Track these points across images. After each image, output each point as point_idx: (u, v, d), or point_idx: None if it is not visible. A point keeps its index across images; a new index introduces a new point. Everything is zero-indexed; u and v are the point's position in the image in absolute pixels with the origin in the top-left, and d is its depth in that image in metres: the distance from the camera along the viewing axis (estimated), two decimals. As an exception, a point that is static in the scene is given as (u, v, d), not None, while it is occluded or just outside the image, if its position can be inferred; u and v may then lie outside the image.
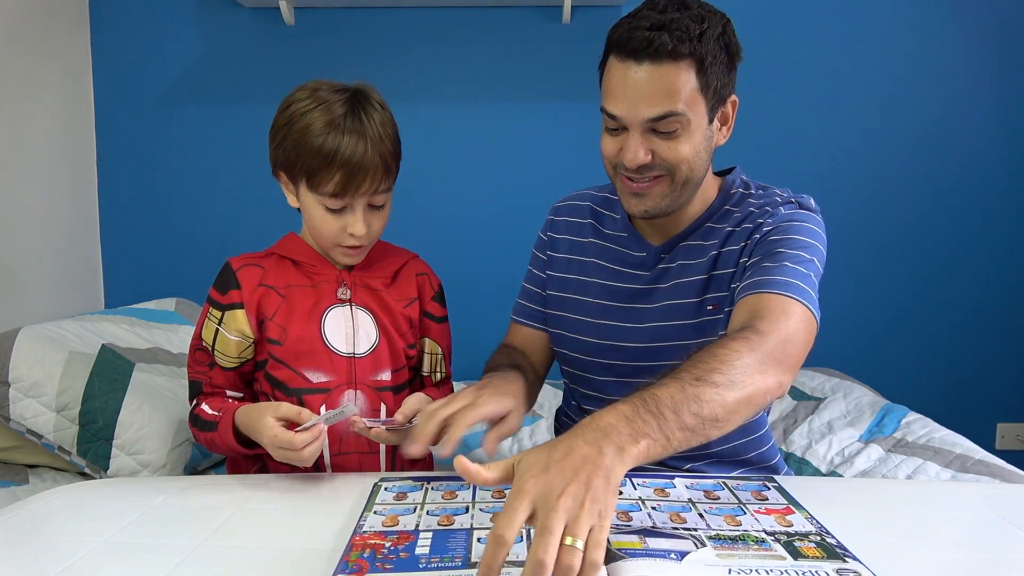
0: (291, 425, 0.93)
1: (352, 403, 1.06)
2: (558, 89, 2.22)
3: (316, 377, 1.05)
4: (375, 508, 0.82)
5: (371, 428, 0.95)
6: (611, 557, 0.67)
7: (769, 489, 0.86)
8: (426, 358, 1.17)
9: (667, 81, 0.91)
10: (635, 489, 0.86)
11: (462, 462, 0.63)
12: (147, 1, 2.19)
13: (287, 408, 0.95)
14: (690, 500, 0.82)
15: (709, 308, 1.02)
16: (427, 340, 1.17)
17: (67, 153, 2.14)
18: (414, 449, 0.86)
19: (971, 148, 2.24)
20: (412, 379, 1.17)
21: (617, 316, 1.08)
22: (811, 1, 2.19)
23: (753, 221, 1.02)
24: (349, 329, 1.07)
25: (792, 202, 1.03)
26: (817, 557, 0.68)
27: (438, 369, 1.18)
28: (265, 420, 0.93)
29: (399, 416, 0.96)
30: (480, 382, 0.96)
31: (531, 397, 1.09)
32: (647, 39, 0.90)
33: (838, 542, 0.71)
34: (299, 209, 1.08)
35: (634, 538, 0.71)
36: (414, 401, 1.00)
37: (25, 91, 1.95)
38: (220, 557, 0.73)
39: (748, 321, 0.84)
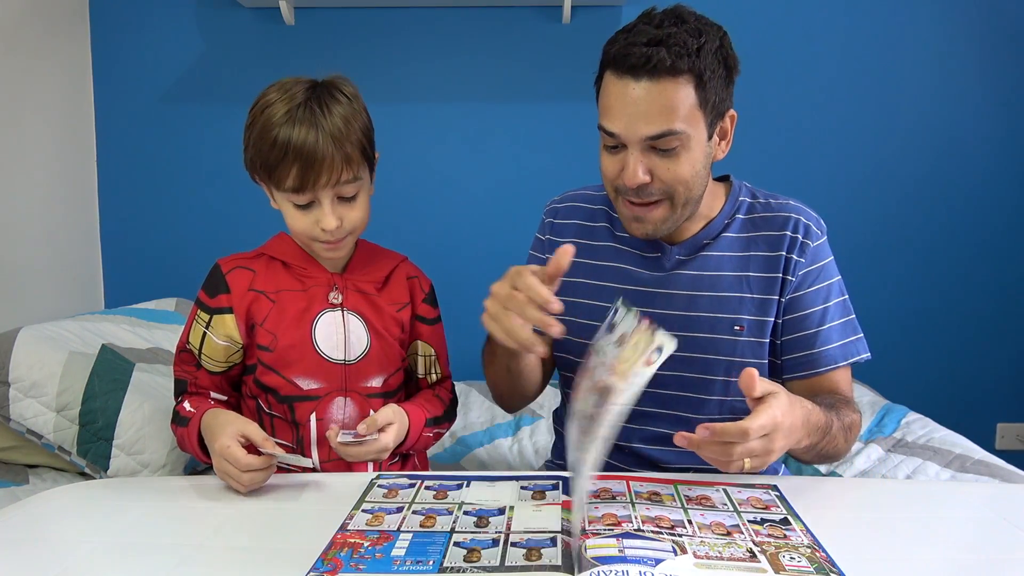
0: (250, 448, 0.90)
1: (313, 457, 1.04)
2: (558, 89, 2.22)
3: (307, 384, 1.04)
4: (364, 506, 0.82)
5: (344, 444, 0.94)
6: (583, 566, 0.66)
7: (770, 495, 0.85)
8: (420, 360, 1.16)
9: (665, 98, 0.90)
10: (629, 492, 0.85)
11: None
12: (147, 1, 2.19)
13: (255, 429, 0.91)
14: (684, 506, 0.81)
15: (736, 328, 1.03)
16: (419, 343, 1.16)
17: (67, 153, 2.14)
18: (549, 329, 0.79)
19: (971, 149, 2.23)
20: (406, 383, 1.16)
21: None
22: (809, 8, 2.19)
23: (784, 248, 1.03)
24: (340, 335, 1.06)
25: (817, 232, 1.05)
26: (632, 356, 0.67)
27: (433, 371, 1.17)
28: (227, 430, 0.91)
29: (362, 427, 0.95)
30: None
31: (531, 367, 1.06)
32: (645, 55, 0.88)
33: (829, 556, 0.70)
34: None
35: (611, 541, 0.71)
36: (387, 412, 0.99)
37: (25, 91, 1.95)
38: (220, 557, 0.73)
39: (845, 399, 1.02)
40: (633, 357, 0.68)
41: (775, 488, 0.87)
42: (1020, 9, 2.18)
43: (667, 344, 0.68)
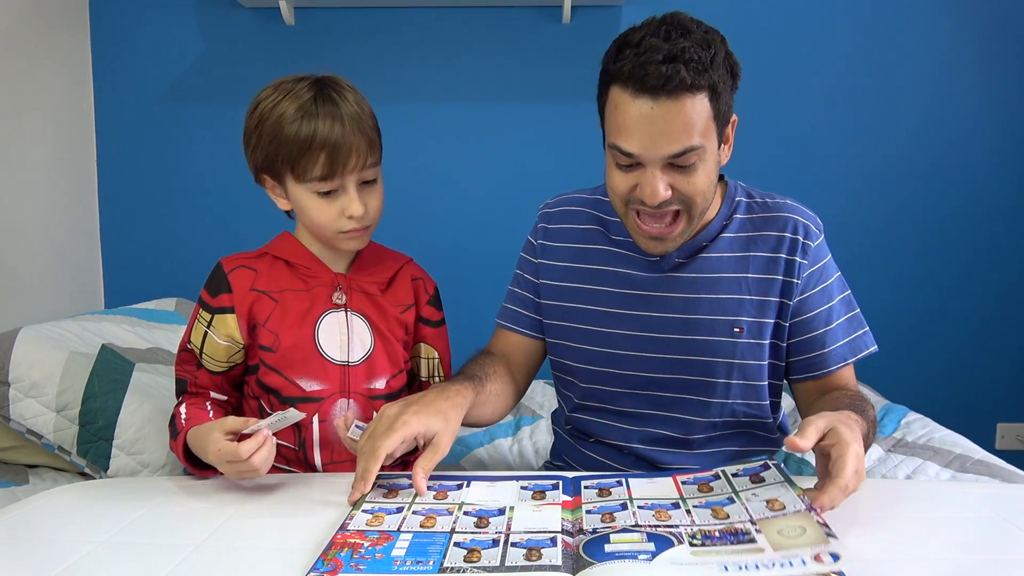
0: (242, 438, 0.90)
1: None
2: (558, 89, 2.22)
3: (309, 385, 1.04)
4: (364, 506, 0.82)
5: (354, 440, 0.92)
6: (580, 564, 0.66)
7: (769, 469, 0.84)
8: (423, 363, 1.16)
9: (685, 115, 0.88)
10: (627, 489, 0.85)
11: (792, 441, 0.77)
12: (147, 1, 2.19)
13: (232, 420, 0.91)
14: (681, 497, 0.81)
15: (736, 331, 1.02)
16: (423, 345, 1.15)
17: (67, 153, 2.14)
18: (353, 495, 0.83)
19: (971, 149, 2.23)
20: (410, 385, 1.16)
21: (630, 325, 1.06)
22: (808, 8, 2.19)
23: (785, 250, 1.02)
24: (344, 336, 1.05)
25: (816, 231, 1.04)
26: (798, 542, 0.66)
27: (436, 373, 1.17)
28: (211, 438, 0.89)
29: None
30: (412, 396, 0.92)
31: (491, 405, 1.07)
32: (664, 75, 0.85)
33: (823, 521, 0.70)
34: (289, 213, 1.07)
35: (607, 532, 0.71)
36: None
37: (25, 91, 1.95)
38: (219, 557, 0.73)
39: (860, 395, 1.02)
40: (797, 542, 0.66)
41: (769, 462, 0.86)
42: (1020, 9, 2.18)
43: (841, 553, 0.63)
